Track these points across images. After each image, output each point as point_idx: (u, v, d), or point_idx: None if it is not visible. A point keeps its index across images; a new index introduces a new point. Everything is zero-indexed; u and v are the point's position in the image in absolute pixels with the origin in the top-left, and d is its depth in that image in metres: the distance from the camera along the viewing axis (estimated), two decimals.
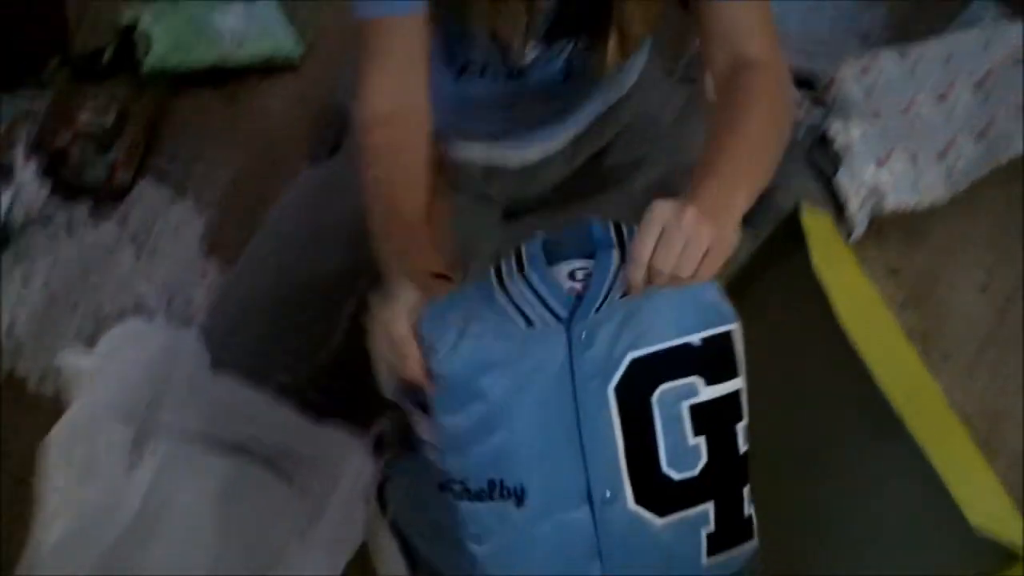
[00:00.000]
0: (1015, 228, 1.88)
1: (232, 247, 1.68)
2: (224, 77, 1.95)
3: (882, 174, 1.83)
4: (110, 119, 1.86)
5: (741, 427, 1.09)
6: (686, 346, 1.05)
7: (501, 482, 1.08)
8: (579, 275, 1.09)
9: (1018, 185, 1.92)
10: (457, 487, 1.09)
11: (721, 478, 1.08)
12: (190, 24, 1.96)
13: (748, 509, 1.10)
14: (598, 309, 1.06)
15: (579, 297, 1.07)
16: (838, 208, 1.79)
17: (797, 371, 1.40)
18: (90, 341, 1.52)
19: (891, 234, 1.84)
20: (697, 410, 1.06)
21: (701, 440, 1.06)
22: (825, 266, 1.36)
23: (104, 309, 1.60)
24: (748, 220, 1.21)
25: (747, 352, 1.08)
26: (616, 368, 1.05)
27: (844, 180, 1.80)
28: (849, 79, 1.93)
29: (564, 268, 1.10)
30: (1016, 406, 1.68)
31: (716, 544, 1.09)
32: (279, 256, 1.47)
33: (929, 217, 1.84)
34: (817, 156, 1.84)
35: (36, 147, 1.76)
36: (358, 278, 1.44)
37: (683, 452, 1.06)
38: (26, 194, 1.70)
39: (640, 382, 1.05)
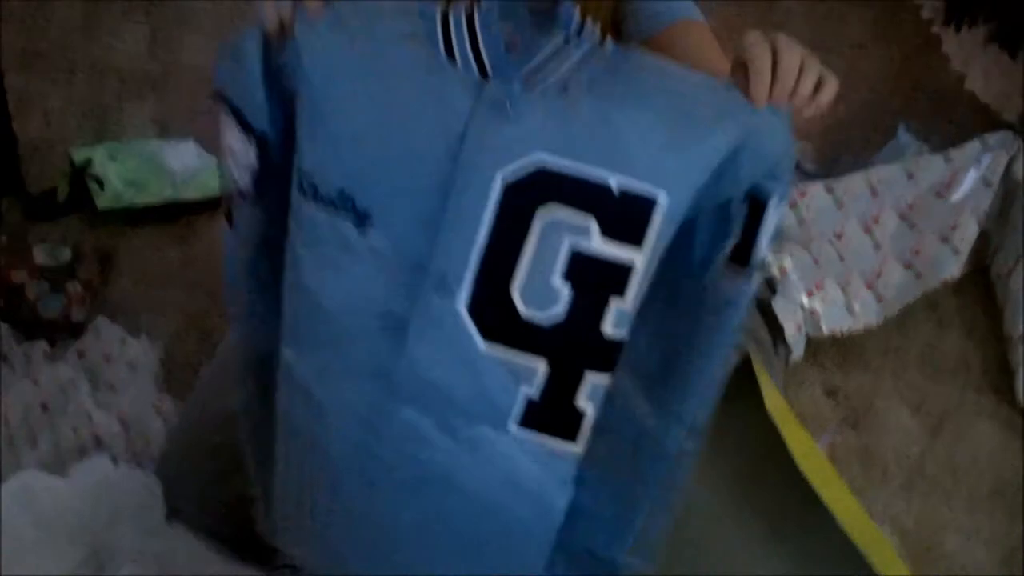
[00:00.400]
0: (945, 349, 1.96)
1: (186, 383, 1.70)
2: (176, 213, 1.99)
3: (815, 301, 1.91)
4: (65, 256, 1.89)
5: (617, 307, 0.97)
6: (602, 187, 0.93)
7: (352, 199, 0.99)
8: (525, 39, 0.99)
9: (948, 307, 2.01)
10: (308, 187, 1.01)
11: (569, 345, 0.98)
12: (142, 163, 2.01)
13: (585, 406, 1.00)
14: (529, 80, 0.96)
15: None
16: (776, 330, 1.86)
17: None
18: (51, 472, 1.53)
19: (827, 355, 1.91)
20: (578, 257, 0.95)
21: (566, 288, 0.96)
22: (773, 408, 1.44)
23: (64, 444, 1.62)
24: None
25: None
26: (515, 159, 0.94)
27: (779, 307, 1.87)
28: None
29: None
30: (953, 520, 1.73)
31: (532, 417, 1.00)
32: (222, 399, 1.48)
33: (864, 338, 1.92)
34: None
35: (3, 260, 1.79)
36: None
37: (541, 288, 0.96)
38: None
39: (534, 192, 0.95)
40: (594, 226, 0.94)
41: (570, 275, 0.95)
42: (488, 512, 1.06)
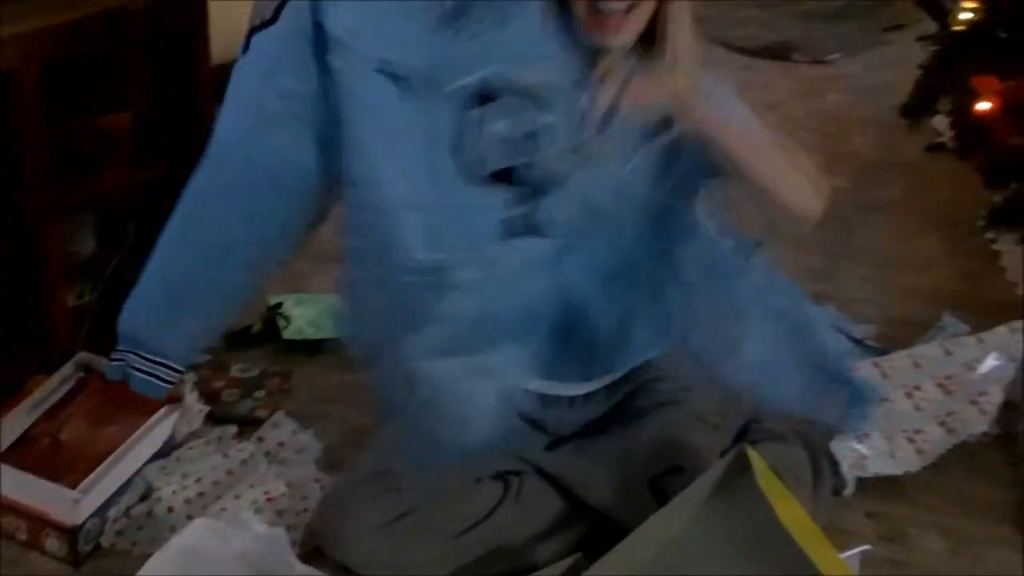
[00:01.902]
0: (975, 491, 2.31)
1: (343, 467, 2.16)
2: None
3: (864, 448, 2.28)
4: (254, 372, 2.40)
5: None
6: None
7: None
8: None
9: (980, 458, 2.37)
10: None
11: None
12: (321, 309, 2.54)
13: None
14: None
15: None
16: (820, 470, 2.23)
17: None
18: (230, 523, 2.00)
19: (873, 487, 2.26)
20: None
21: None
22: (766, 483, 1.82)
23: (243, 501, 2.08)
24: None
25: None
26: None
27: (835, 448, 2.24)
28: None
29: None
30: None
31: None
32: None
33: (905, 477, 2.28)
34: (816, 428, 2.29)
35: (197, 385, 2.30)
36: None
37: None
38: (189, 416, 2.22)
39: None
40: None
41: None
42: None
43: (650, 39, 1.76)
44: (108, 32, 2.18)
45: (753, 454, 1.84)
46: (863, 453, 2.25)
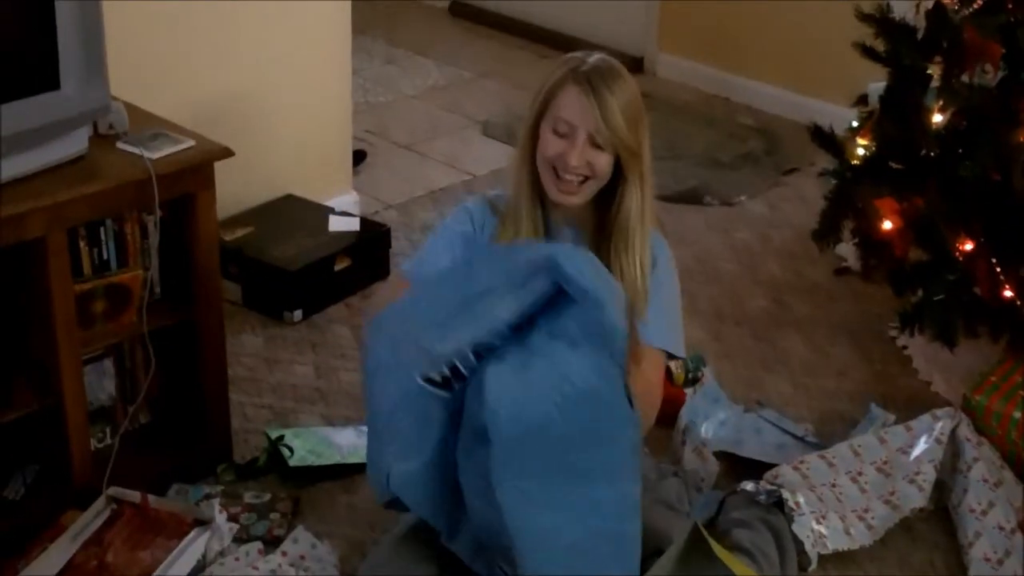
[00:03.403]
0: (917, 556, 2.62)
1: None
2: (344, 472, 2.74)
3: (822, 528, 2.57)
4: (266, 498, 2.63)
5: None
6: None
7: None
8: None
9: (919, 529, 2.68)
10: None
11: None
12: (318, 441, 2.78)
13: None
14: None
15: None
16: (799, 544, 2.51)
17: None
18: None
19: (830, 560, 2.55)
20: None
21: None
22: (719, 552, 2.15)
23: None
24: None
25: None
26: None
27: (797, 530, 2.53)
28: (789, 471, 2.72)
29: None
30: None
31: None
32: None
33: (857, 550, 2.58)
34: (776, 511, 2.57)
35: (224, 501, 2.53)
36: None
37: None
38: (219, 535, 2.43)
39: None
40: None
41: None
42: None
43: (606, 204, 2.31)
44: (127, 201, 2.45)
45: (704, 530, 2.15)
46: (822, 532, 2.54)
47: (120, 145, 2.48)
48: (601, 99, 2.18)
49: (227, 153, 2.53)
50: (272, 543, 2.51)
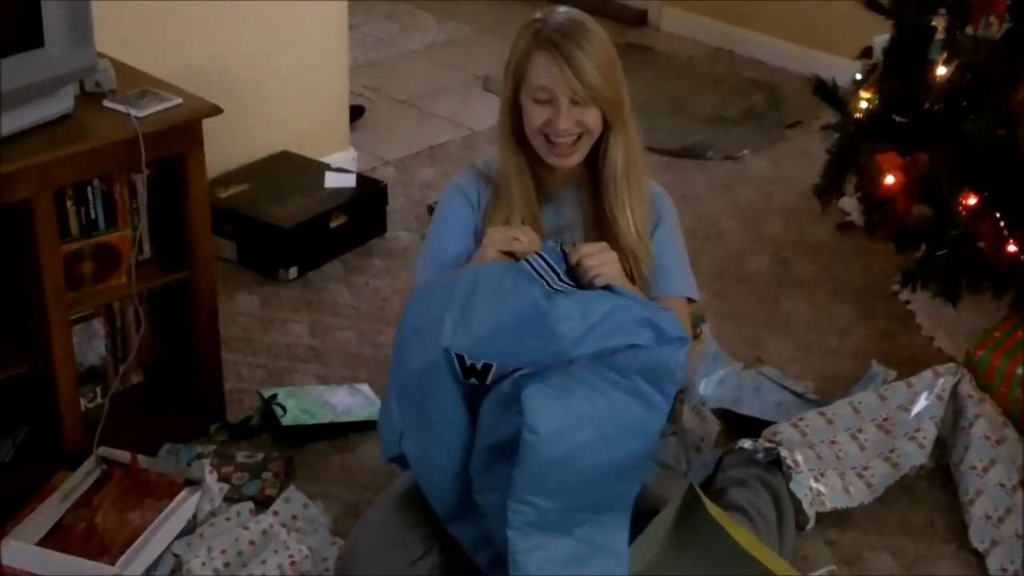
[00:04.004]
0: (918, 516, 2.59)
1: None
2: (337, 432, 2.71)
3: (820, 486, 2.54)
4: (258, 458, 2.60)
5: None
6: None
7: None
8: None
9: (919, 488, 2.65)
10: None
11: None
12: (312, 400, 2.76)
13: None
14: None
15: None
16: (797, 503, 2.48)
17: None
18: None
19: (829, 519, 2.52)
20: None
21: None
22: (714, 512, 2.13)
23: (269, 569, 2.27)
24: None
25: None
26: None
27: (795, 488, 2.50)
28: (788, 428, 2.69)
29: None
30: None
31: None
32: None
33: (856, 509, 2.54)
34: (775, 470, 2.54)
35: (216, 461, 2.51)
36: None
37: None
38: (210, 495, 2.41)
39: None
40: None
41: None
42: None
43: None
44: (114, 161, 2.41)
45: (699, 490, 2.12)
46: (821, 491, 2.51)
47: (107, 104, 2.44)
48: (572, 59, 2.13)
49: (215, 111, 2.49)
50: (264, 503, 2.49)
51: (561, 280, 2.06)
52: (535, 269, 2.04)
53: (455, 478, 2.09)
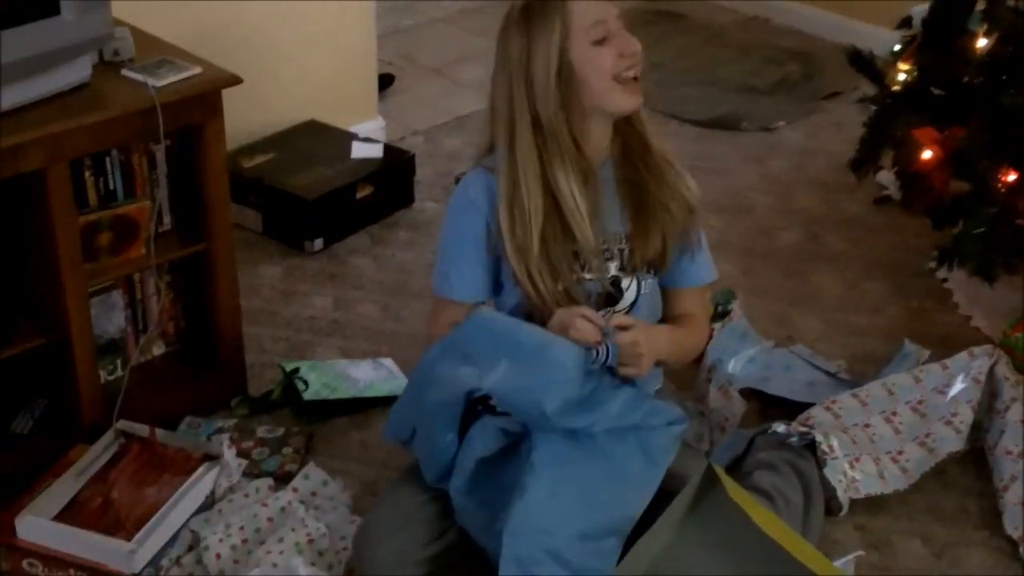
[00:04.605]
0: (950, 501, 2.53)
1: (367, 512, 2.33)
2: (359, 407, 2.68)
3: (855, 472, 2.48)
4: (279, 433, 2.57)
5: None
6: None
7: None
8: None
9: (952, 472, 2.59)
10: None
11: None
12: (334, 374, 2.72)
13: None
14: None
15: None
16: (811, 494, 2.42)
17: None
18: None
19: (860, 504, 2.47)
20: None
21: None
22: (734, 494, 2.07)
23: (286, 546, 2.24)
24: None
25: None
26: None
27: (829, 474, 2.44)
28: (821, 411, 2.63)
29: None
30: None
31: None
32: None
33: (889, 496, 2.49)
34: (808, 455, 2.49)
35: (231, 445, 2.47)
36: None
37: None
38: (228, 471, 2.38)
39: None
40: None
41: None
42: None
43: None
44: (132, 131, 2.37)
45: (719, 470, 2.07)
46: (855, 477, 2.45)
47: (125, 73, 2.39)
48: None
49: (235, 80, 2.44)
50: (284, 479, 2.45)
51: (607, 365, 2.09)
52: (595, 358, 2.05)
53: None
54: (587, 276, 2.18)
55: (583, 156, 2.14)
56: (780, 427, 2.49)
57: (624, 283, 2.22)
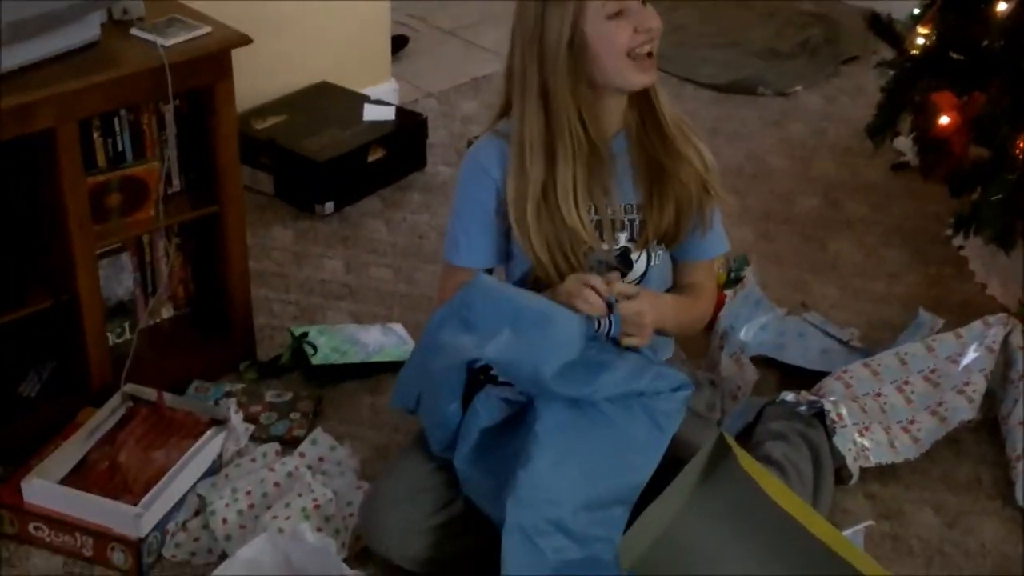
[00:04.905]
0: (963, 470, 2.51)
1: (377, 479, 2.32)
2: (368, 372, 2.66)
3: (865, 441, 2.46)
4: (287, 397, 2.56)
5: None
6: None
7: None
8: None
9: (965, 441, 2.56)
10: None
11: None
12: (344, 339, 2.70)
13: None
14: None
15: None
16: (839, 459, 2.41)
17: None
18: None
19: (870, 472, 2.45)
20: None
21: None
22: (746, 464, 2.05)
23: (292, 512, 2.23)
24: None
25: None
26: None
27: (838, 443, 2.41)
28: (832, 381, 2.60)
29: None
30: None
31: None
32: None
33: (900, 465, 2.47)
34: (817, 424, 2.46)
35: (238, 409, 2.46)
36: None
37: None
38: (235, 435, 2.37)
39: None
40: None
41: None
42: None
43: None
44: (140, 91, 2.35)
45: (731, 439, 2.05)
46: (865, 445, 2.42)
47: (133, 32, 2.37)
48: None
49: (244, 40, 2.42)
50: (292, 444, 2.45)
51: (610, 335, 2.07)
52: (598, 329, 2.04)
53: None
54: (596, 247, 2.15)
55: (589, 134, 2.11)
56: (789, 396, 2.47)
57: (634, 255, 2.19)
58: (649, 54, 2.08)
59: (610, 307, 2.04)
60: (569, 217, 2.10)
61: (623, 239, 2.18)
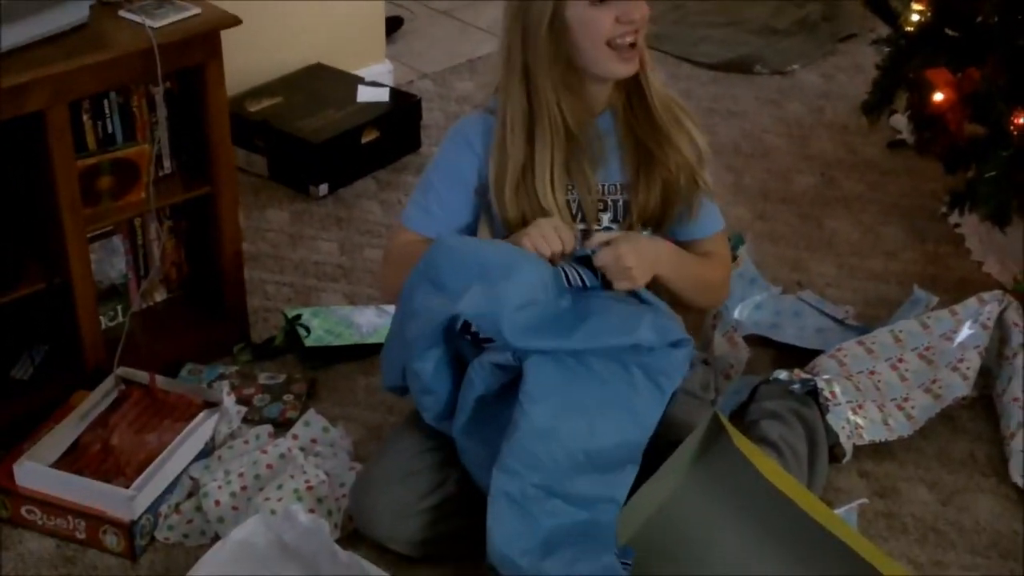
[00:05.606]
0: (957, 447, 2.50)
1: (370, 460, 2.31)
2: (362, 353, 2.65)
3: (858, 418, 2.45)
4: (281, 379, 2.56)
5: None
6: None
7: None
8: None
9: (960, 419, 2.56)
10: None
11: None
12: (338, 320, 2.70)
13: None
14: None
15: None
16: (832, 437, 2.41)
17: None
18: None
19: (864, 450, 2.44)
20: None
21: None
22: (740, 443, 2.05)
23: (284, 493, 2.23)
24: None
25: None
26: None
27: (832, 421, 2.41)
28: (826, 359, 2.60)
29: None
30: (957, 560, 2.24)
31: None
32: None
33: (894, 442, 2.46)
34: (811, 403, 2.46)
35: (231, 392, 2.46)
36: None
37: None
38: (228, 418, 2.37)
39: None
40: None
41: None
42: None
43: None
44: (130, 73, 2.34)
45: (724, 418, 2.04)
46: (859, 423, 2.42)
47: (122, 14, 2.36)
48: None
49: (234, 21, 2.41)
50: (285, 426, 2.44)
51: (587, 287, 2.05)
52: (569, 282, 2.03)
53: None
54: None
55: (566, 118, 2.10)
56: (783, 375, 2.46)
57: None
58: (632, 45, 2.06)
59: (588, 261, 2.03)
60: (545, 199, 2.09)
61: (606, 219, 2.17)
